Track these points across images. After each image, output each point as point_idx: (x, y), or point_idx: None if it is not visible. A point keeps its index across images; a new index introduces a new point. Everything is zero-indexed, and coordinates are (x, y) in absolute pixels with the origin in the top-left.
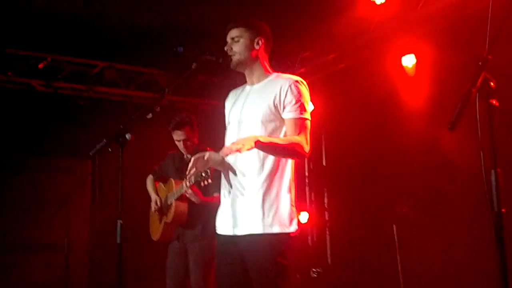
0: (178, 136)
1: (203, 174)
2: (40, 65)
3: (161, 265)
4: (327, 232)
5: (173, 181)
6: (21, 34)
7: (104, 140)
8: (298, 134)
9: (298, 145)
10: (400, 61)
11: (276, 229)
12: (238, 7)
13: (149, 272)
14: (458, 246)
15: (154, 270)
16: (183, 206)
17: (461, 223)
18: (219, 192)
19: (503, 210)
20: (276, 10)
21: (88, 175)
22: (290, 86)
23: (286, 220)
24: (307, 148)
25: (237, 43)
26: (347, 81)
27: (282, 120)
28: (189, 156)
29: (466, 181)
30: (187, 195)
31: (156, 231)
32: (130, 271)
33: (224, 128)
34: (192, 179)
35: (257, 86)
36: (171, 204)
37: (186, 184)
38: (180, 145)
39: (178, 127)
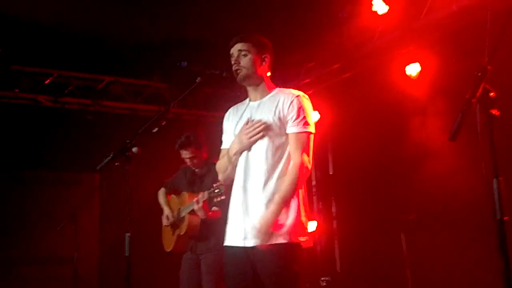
0: (184, 155)
1: (217, 191)
2: (47, 81)
3: (169, 278)
4: (336, 241)
5: (186, 195)
6: (27, 50)
7: (111, 154)
8: (298, 150)
9: (297, 175)
10: (404, 70)
11: (287, 239)
12: (242, 20)
13: (157, 285)
14: (466, 254)
15: (163, 283)
16: (196, 220)
17: (468, 231)
18: (218, 207)
19: (505, 218)
20: (280, 22)
21: (96, 189)
22: (292, 101)
23: (298, 230)
24: (307, 164)
25: (244, 57)
26: (352, 91)
27: (287, 135)
28: (198, 170)
29: (472, 188)
30: (195, 209)
31: (169, 242)
32: (139, 284)
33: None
34: (206, 195)
35: (260, 101)
36: (184, 217)
37: (200, 200)
38: (188, 162)
39: (182, 147)
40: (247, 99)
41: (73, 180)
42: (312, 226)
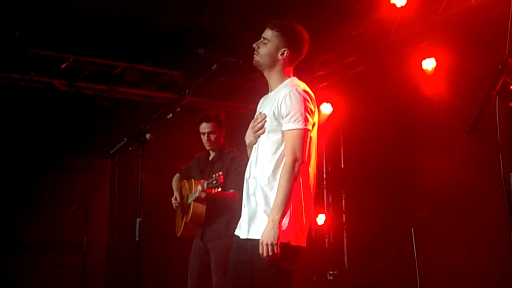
0: (203, 129)
1: (214, 182)
2: (63, 65)
3: (179, 264)
4: (344, 235)
5: (193, 182)
6: (44, 34)
7: (125, 139)
8: (289, 148)
9: (286, 177)
10: (420, 64)
11: None
12: (259, 11)
13: (167, 270)
14: (477, 250)
15: (172, 268)
16: (201, 208)
17: (480, 226)
18: (237, 190)
19: None
20: (296, 13)
21: (107, 175)
22: (285, 97)
23: (284, 230)
24: (298, 162)
25: (264, 45)
26: (366, 84)
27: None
28: (212, 154)
29: (485, 184)
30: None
31: (178, 227)
32: (148, 270)
33: None
34: (205, 185)
35: (271, 93)
36: (190, 204)
37: (200, 189)
38: (205, 138)
39: (205, 119)
40: None
41: (85, 165)
42: (321, 219)
